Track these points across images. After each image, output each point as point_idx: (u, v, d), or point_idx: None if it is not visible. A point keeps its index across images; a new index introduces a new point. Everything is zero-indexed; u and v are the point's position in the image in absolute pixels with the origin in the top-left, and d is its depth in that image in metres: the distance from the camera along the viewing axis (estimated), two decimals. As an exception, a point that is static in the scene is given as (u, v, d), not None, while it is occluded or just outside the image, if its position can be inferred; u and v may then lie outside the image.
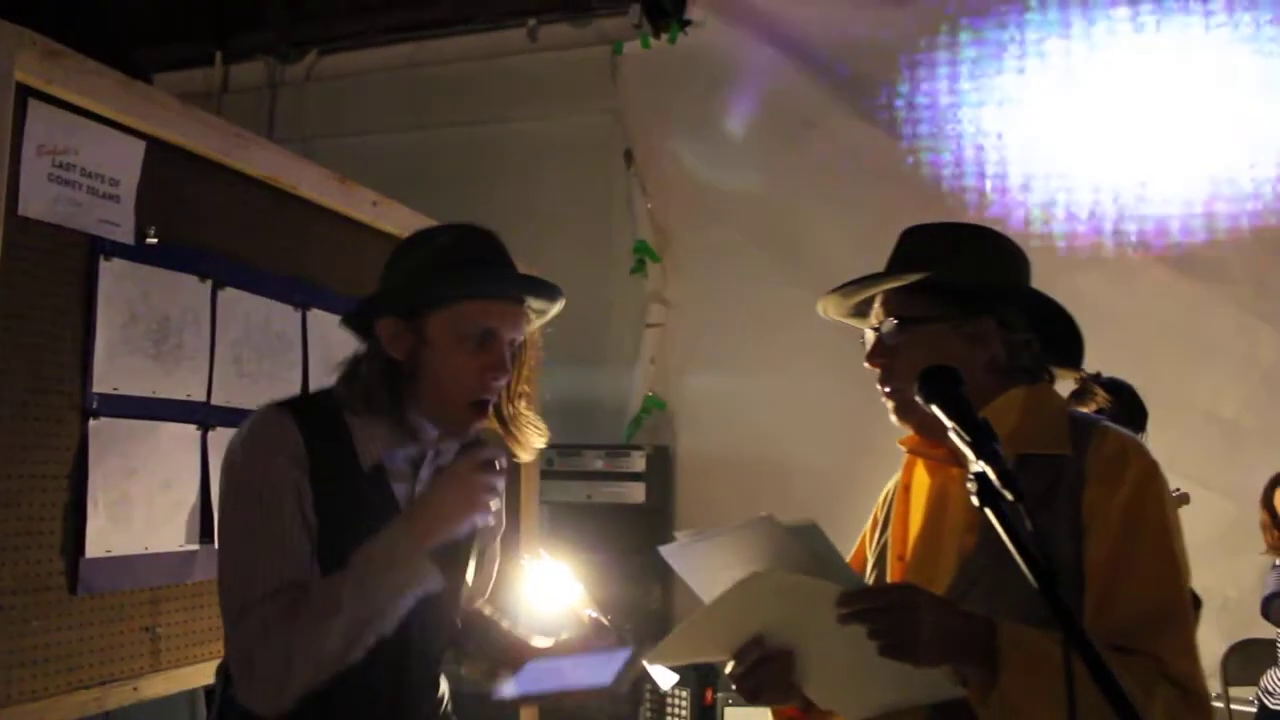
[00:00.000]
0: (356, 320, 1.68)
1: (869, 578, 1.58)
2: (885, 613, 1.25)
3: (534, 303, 1.70)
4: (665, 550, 1.38)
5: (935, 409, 1.21)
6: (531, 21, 5.63)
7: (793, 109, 5.31)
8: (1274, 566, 3.80)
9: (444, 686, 1.88)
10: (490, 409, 1.65)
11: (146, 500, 2.19)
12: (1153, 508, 1.38)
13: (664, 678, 3.00)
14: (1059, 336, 1.54)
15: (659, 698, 4.30)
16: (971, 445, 1.13)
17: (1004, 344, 1.50)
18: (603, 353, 5.51)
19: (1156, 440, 3.47)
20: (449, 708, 1.87)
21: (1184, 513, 3.60)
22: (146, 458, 2.19)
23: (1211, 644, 4.18)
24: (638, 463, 4.95)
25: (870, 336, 1.55)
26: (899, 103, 5.14)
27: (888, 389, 1.53)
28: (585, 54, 5.63)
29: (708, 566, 1.35)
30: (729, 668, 1.42)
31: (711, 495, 5.11)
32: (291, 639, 1.49)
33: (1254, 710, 3.81)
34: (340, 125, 5.76)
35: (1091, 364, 3.52)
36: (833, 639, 1.28)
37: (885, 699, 1.39)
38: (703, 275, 5.46)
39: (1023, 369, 1.52)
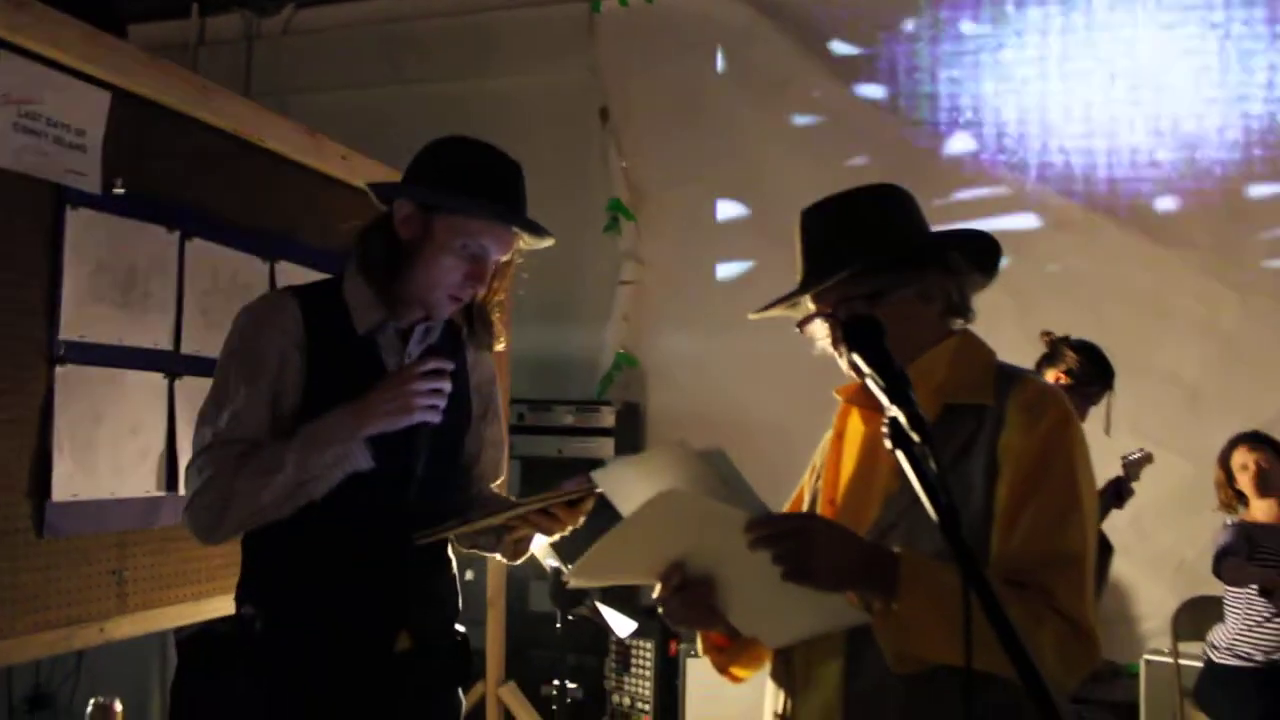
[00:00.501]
0: (382, 190, 1.91)
1: None
2: (786, 538, 1.32)
3: (526, 237, 1.91)
4: (596, 474, 1.47)
5: (856, 357, 1.26)
6: (510, -23, 5.62)
7: (768, 69, 5.34)
8: (1224, 525, 3.89)
9: (453, 564, 2.02)
10: (462, 304, 1.88)
11: (113, 446, 2.23)
12: (1063, 453, 1.44)
13: (621, 626, 3.08)
14: (980, 256, 1.60)
15: (623, 650, 4.39)
16: (886, 391, 1.20)
17: (955, 287, 1.57)
18: (576, 309, 5.55)
19: (1119, 402, 3.56)
20: (458, 584, 2.03)
21: (1145, 473, 3.72)
22: (113, 405, 2.23)
23: (1166, 602, 4.30)
24: (607, 418, 5.01)
25: (820, 325, 1.58)
26: (880, 64, 5.18)
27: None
28: (563, 11, 5.62)
29: (631, 489, 1.42)
30: (654, 593, 1.48)
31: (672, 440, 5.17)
32: (234, 485, 1.73)
33: (1201, 665, 3.92)
34: (316, 79, 5.74)
35: (1058, 326, 3.64)
36: (747, 567, 1.35)
37: (799, 626, 1.46)
38: (676, 234, 5.50)
39: (968, 306, 1.58)
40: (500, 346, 2.03)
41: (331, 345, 1.82)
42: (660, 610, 1.49)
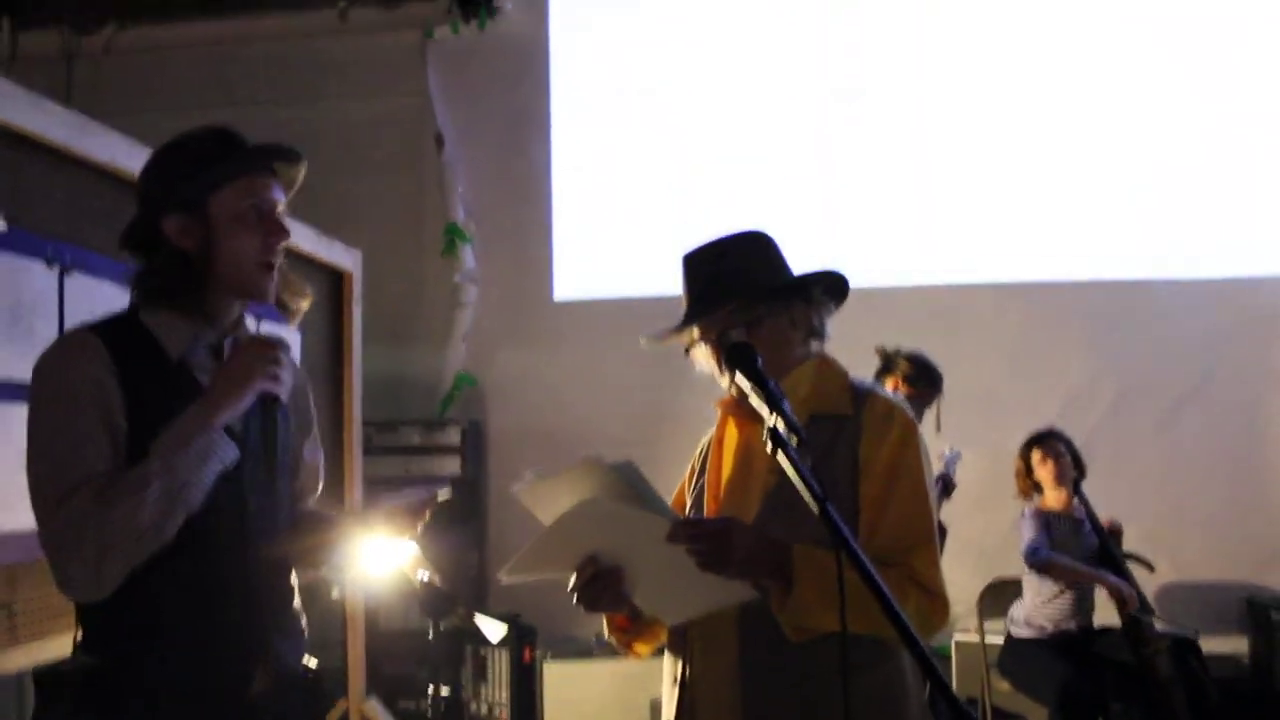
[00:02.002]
0: (139, 236, 1.83)
1: (689, 514, 1.92)
2: (707, 538, 1.59)
3: (285, 170, 1.88)
4: (516, 488, 1.69)
5: (738, 377, 1.53)
6: (342, 3, 5.70)
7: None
8: (1023, 515, 4.32)
9: (295, 588, 1.97)
10: (277, 269, 1.84)
11: (2, 481, 2.25)
12: (911, 456, 1.77)
13: (492, 631, 3.25)
14: (833, 289, 1.90)
15: (479, 659, 4.54)
16: (766, 403, 1.46)
17: (816, 315, 1.87)
18: (416, 332, 5.68)
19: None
20: (299, 607, 1.98)
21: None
22: (1, 439, 2.26)
23: (969, 585, 4.74)
24: (453, 437, 5.17)
25: (704, 350, 1.84)
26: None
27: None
28: (396, 38, 5.77)
29: (549, 499, 1.66)
30: (570, 584, 1.72)
31: (523, 466, 5.31)
32: (106, 519, 1.60)
33: (1002, 640, 4.37)
34: (143, 101, 5.64)
35: (875, 338, 4.02)
36: (654, 558, 1.62)
37: (697, 605, 1.73)
38: (513, 255, 5.71)
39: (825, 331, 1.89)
40: (306, 303, 1.98)
41: (146, 376, 1.74)
42: (575, 598, 1.71)
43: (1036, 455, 4.36)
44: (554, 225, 5.68)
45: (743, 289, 1.80)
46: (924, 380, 3.93)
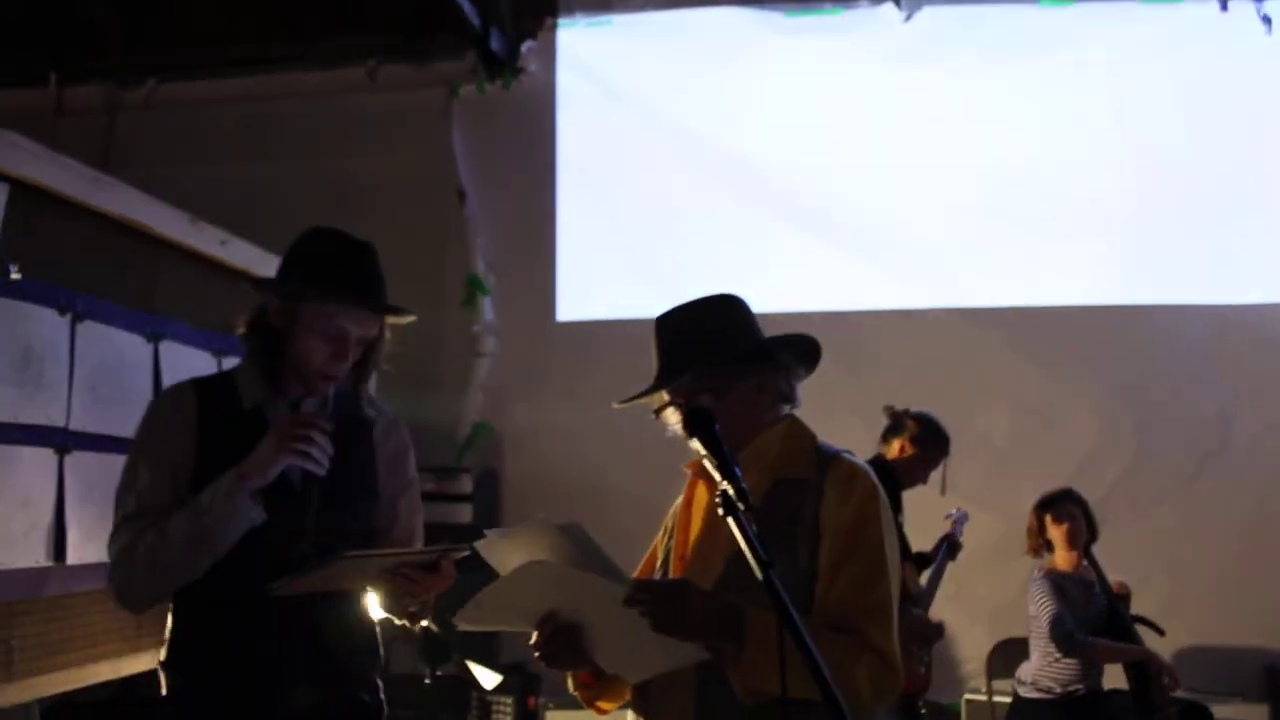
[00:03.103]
0: (254, 285, 2.19)
1: (658, 573, 1.95)
2: (660, 600, 1.62)
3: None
4: (479, 545, 1.75)
5: (695, 442, 1.57)
6: (371, 62, 5.87)
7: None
8: (1033, 577, 4.27)
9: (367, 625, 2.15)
10: (334, 380, 2.07)
11: (4, 519, 2.34)
12: (870, 522, 1.76)
13: (487, 679, 3.29)
14: (804, 354, 1.93)
15: (484, 706, 4.56)
16: (719, 469, 1.49)
17: (785, 379, 1.89)
18: (434, 380, 5.73)
19: (938, 466, 4.01)
20: (376, 645, 2.18)
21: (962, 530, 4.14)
22: (6, 479, 2.35)
23: (979, 644, 4.73)
24: (465, 485, 5.22)
25: (672, 413, 1.87)
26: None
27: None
28: (423, 95, 5.90)
29: (505, 556, 1.72)
30: (532, 639, 1.75)
31: (536, 512, 5.38)
32: (137, 553, 1.94)
33: (1010, 700, 4.33)
34: (181, 154, 5.82)
35: (889, 399, 4.04)
36: (606, 617, 1.66)
37: (655, 664, 1.75)
38: (531, 307, 5.79)
39: (795, 395, 1.91)
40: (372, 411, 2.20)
41: (221, 421, 2.03)
42: (536, 654, 1.74)
43: (1049, 517, 4.34)
44: (559, 284, 5.78)
45: (710, 354, 1.83)
46: (932, 441, 3.94)
